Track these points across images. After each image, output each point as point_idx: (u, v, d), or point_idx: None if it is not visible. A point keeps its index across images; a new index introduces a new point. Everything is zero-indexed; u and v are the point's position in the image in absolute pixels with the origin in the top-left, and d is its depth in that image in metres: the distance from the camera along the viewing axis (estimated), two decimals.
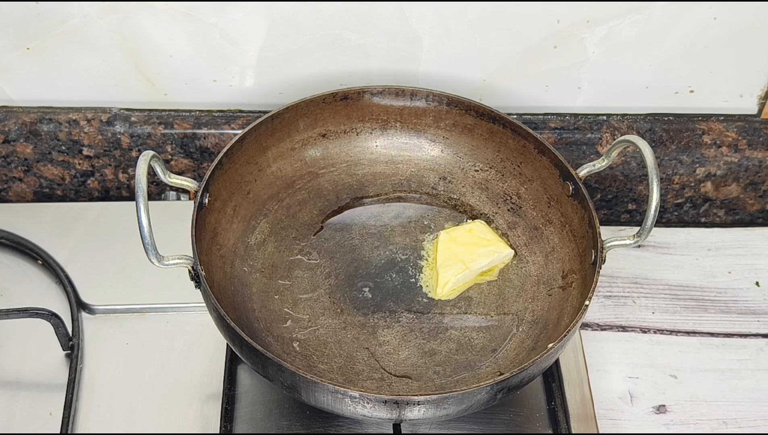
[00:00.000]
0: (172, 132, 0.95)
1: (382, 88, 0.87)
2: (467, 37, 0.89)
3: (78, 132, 0.95)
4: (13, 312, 0.79)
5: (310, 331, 0.79)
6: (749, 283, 0.94)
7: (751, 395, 0.85)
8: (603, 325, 0.90)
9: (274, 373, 0.68)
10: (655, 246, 0.97)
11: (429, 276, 0.83)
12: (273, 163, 0.87)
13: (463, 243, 0.83)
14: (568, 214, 0.82)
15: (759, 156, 0.98)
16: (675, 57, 0.92)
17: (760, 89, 0.95)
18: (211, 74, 0.93)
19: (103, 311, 0.85)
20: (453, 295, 0.82)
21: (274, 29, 0.89)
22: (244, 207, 0.84)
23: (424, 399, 0.66)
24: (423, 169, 0.91)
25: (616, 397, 0.84)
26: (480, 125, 0.87)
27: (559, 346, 0.70)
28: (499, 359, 0.77)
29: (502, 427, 0.79)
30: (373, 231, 0.87)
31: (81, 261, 0.88)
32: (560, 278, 0.81)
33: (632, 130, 0.96)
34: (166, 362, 0.82)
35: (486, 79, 0.93)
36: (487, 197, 0.89)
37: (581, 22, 0.88)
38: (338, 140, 0.90)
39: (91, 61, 0.91)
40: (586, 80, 0.94)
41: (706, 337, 0.89)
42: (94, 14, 0.87)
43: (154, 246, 0.67)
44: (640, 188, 1.00)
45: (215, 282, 0.77)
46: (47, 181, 0.99)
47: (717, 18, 0.88)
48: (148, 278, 0.86)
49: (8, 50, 0.90)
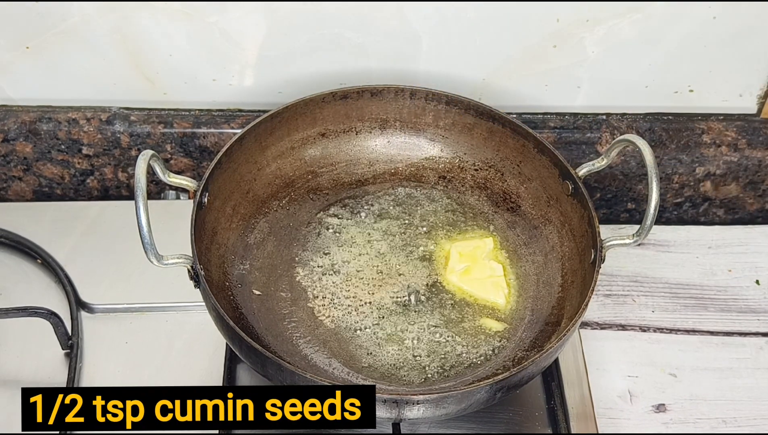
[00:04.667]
0: (171, 131, 0.95)
1: (382, 88, 0.87)
2: (467, 37, 0.89)
3: (77, 131, 0.95)
4: (12, 311, 0.79)
5: (310, 329, 0.79)
6: (749, 282, 0.94)
7: (751, 394, 0.85)
8: (602, 324, 0.90)
9: (273, 372, 0.68)
10: (655, 244, 0.97)
11: (436, 260, 0.83)
12: (272, 162, 0.87)
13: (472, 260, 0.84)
14: (568, 213, 0.82)
15: (758, 155, 0.98)
16: (674, 56, 0.92)
17: (759, 89, 0.95)
18: (211, 73, 0.93)
19: (103, 310, 0.85)
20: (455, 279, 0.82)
21: (274, 28, 0.89)
22: (244, 206, 0.84)
23: (423, 398, 0.66)
24: (422, 169, 0.91)
25: (615, 396, 0.84)
26: (479, 124, 0.87)
27: (559, 345, 0.70)
28: (499, 358, 0.77)
29: (501, 427, 0.79)
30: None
31: (80, 260, 0.88)
32: (559, 277, 0.81)
33: (632, 129, 0.96)
34: (166, 361, 0.82)
35: (485, 79, 0.93)
36: (487, 196, 0.89)
37: (581, 21, 0.88)
38: (338, 139, 0.90)
39: (91, 60, 0.91)
40: (585, 79, 0.94)
41: (705, 335, 0.89)
42: (94, 13, 0.87)
43: (154, 245, 0.67)
44: (639, 187, 1.00)
45: (214, 281, 0.77)
46: (47, 181, 0.99)
47: (716, 17, 0.88)
48: (147, 277, 0.86)
49: (8, 49, 0.90)
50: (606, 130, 0.97)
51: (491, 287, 0.82)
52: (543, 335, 0.78)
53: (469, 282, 0.82)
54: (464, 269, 0.82)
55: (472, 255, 0.83)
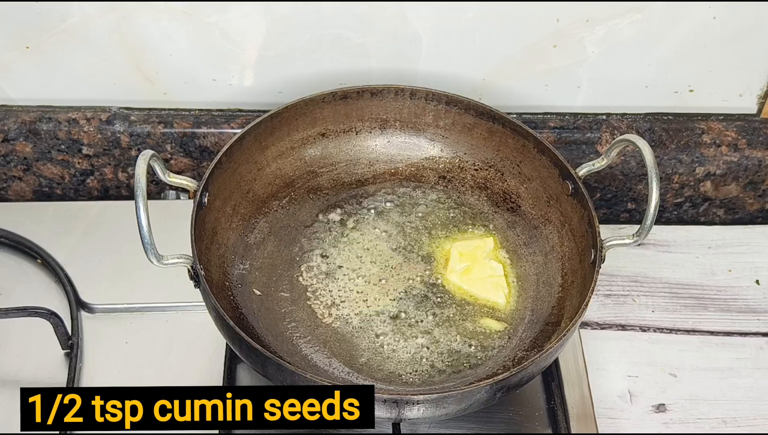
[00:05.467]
0: (171, 131, 0.95)
1: (382, 88, 0.87)
2: (467, 36, 0.89)
3: (77, 131, 0.95)
4: (12, 311, 0.79)
5: (310, 329, 0.79)
6: (749, 281, 0.94)
7: (751, 394, 0.85)
8: (602, 324, 0.90)
9: (273, 372, 0.68)
10: (655, 244, 0.97)
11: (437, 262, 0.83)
12: (272, 162, 0.87)
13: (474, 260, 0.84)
14: (568, 213, 0.82)
15: (758, 155, 0.98)
16: (674, 56, 0.92)
17: (759, 88, 0.95)
18: (211, 73, 0.93)
19: (103, 310, 0.85)
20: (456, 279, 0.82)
21: (274, 28, 0.89)
22: (244, 206, 0.84)
23: (423, 398, 0.66)
24: (422, 169, 0.91)
25: (615, 396, 0.84)
26: (479, 124, 0.87)
27: (559, 345, 0.70)
28: (499, 358, 0.77)
29: (501, 427, 0.79)
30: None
31: (80, 260, 0.88)
32: (559, 277, 0.81)
33: (632, 129, 0.96)
34: (166, 361, 0.82)
35: (485, 78, 0.93)
36: (487, 196, 0.89)
37: (581, 21, 0.88)
38: (338, 139, 0.90)
39: (91, 60, 0.91)
40: (585, 79, 0.94)
41: (705, 335, 0.89)
42: (94, 13, 0.87)
43: (154, 245, 0.67)
44: (639, 187, 1.00)
45: (214, 281, 0.77)
46: (47, 180, 0.99)
47: (716, 17, 0.88)
48: (147, 277, 0.86)
49: (8, 49, 0.90)
50: (606, 130, 0.97)
51: (491, 287, 0.82)
52: (543, 335, 0.78)
53: (470, 281, 0.82)
54: (464, 269, 0.82)
55: (472, 254, 0.83)
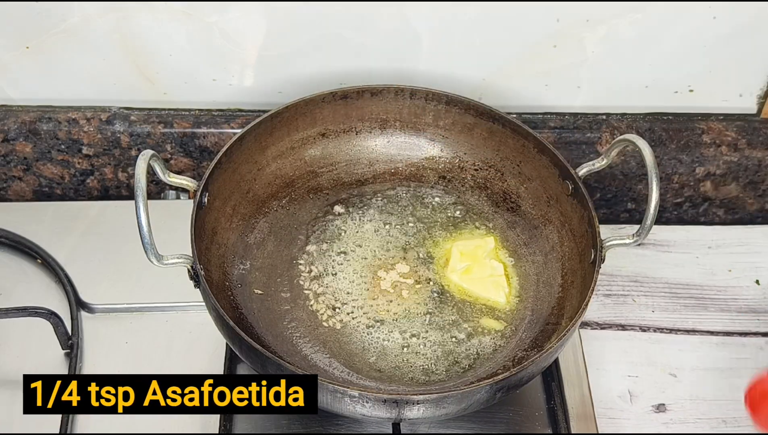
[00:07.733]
0: (171, 131, 0.95)
1: (382, 88, 0.87)
2: (467, 36, 0.89)
3: (77, 131, 0.95)
4: (12, 311, 0.79)
5: (310, 329, 0.79)
6: (749, 281, 0.94)
7: None
8: (602, 324, 0.90)
9: (273, 372, 0.68)
10: (654, 244, 0.97)
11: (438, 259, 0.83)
12: (272, 162, 0.87)
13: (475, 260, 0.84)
14: (568, 213, 0.82)
15: (758, 155, 0.98)
16: (674, 56, 0.92)
17: (759, 88, 0.95)
18: (211, 73, 0.93)
19: (103, 310, 0.85)
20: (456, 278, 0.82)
21: (274, 28, 0.89)
22: (244, 206, 0.84)
23: (423, 398, 0.66)
24: (422, 168, 0.91)
25: (615, 396, 0.84)
26: (479, 124, 0.87)
27: (559, 345, 0.70)
28: (499, 358, 0.77)
29: (501, 427, 0.79)
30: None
31: (80, 260, 0.88)
32: (559, 277, 0.81)
33: (632, 129, 0.96)
34: (166, 361, 0.82)
35: (485, 78, 0.93)
36: (487, 196, 0.89)
37: (581, 21, 0.88)
38: (338, 139, 0.90)
39: (91, 60, 0.91)
40: (585, 79, 0.94)
41: (705, 335, 0.89)
42: (94, 13, 0.87)
43: (154, 245, 0.67)
44: (639, 187, 1.00)
45: (214, 281, 0.77)
46: (47, 180, 0.99)
47: (716, 17, 0.88)
48: (147, 277, 0.86)
49: (8, 49, 0.90)
50: (606, 130, 0.97)
51: (491, 286, 0.82)
52: (543, 335, 0.78)
53: (470, 281, 0.82)
54: (465, 268, 0.82)
55: (473, 254, 0.83)
